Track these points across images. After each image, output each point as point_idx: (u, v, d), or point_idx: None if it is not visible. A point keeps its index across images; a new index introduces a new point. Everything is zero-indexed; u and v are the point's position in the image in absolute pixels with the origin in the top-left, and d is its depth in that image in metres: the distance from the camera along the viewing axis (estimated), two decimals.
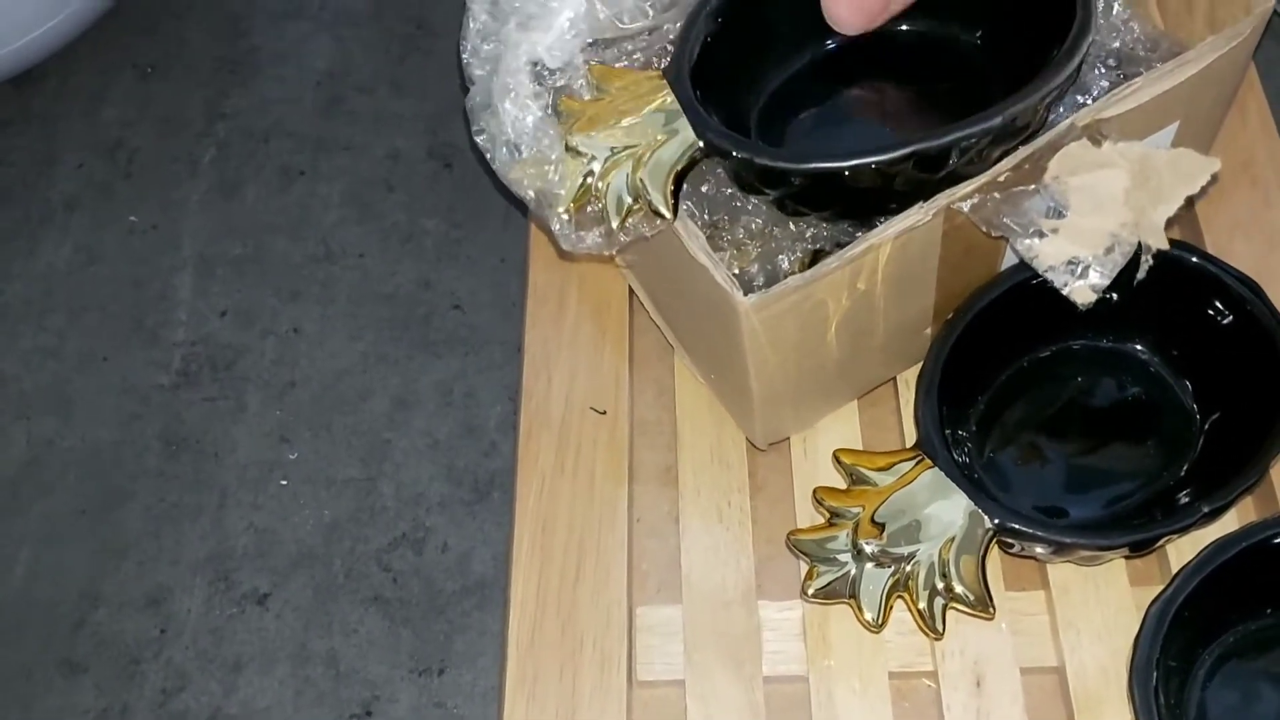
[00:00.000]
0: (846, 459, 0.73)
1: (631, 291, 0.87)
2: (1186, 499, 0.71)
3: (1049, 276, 0.65)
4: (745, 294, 0.64)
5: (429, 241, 1.11)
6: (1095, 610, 0.71)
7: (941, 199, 0.65)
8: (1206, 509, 0.65)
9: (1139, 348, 0.78)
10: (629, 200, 0.68)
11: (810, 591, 0.70)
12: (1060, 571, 0.73)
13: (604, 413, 0.82)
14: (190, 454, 1.00)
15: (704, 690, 0.72)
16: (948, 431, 0.73)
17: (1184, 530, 0.66)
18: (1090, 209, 0.65)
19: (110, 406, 1.05)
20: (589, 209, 0.69)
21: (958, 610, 0.68)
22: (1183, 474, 0.73)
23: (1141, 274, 0.67)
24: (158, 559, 0.95)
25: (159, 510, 0.98)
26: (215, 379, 1.05)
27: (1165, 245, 0.65)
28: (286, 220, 1.16)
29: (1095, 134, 0.66)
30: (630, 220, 0.68)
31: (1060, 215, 0.65)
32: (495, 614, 0.82)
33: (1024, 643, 0.71)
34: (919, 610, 0.68)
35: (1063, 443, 0.77)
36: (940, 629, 0.68)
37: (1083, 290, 0.64)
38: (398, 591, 0.77)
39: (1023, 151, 0.67)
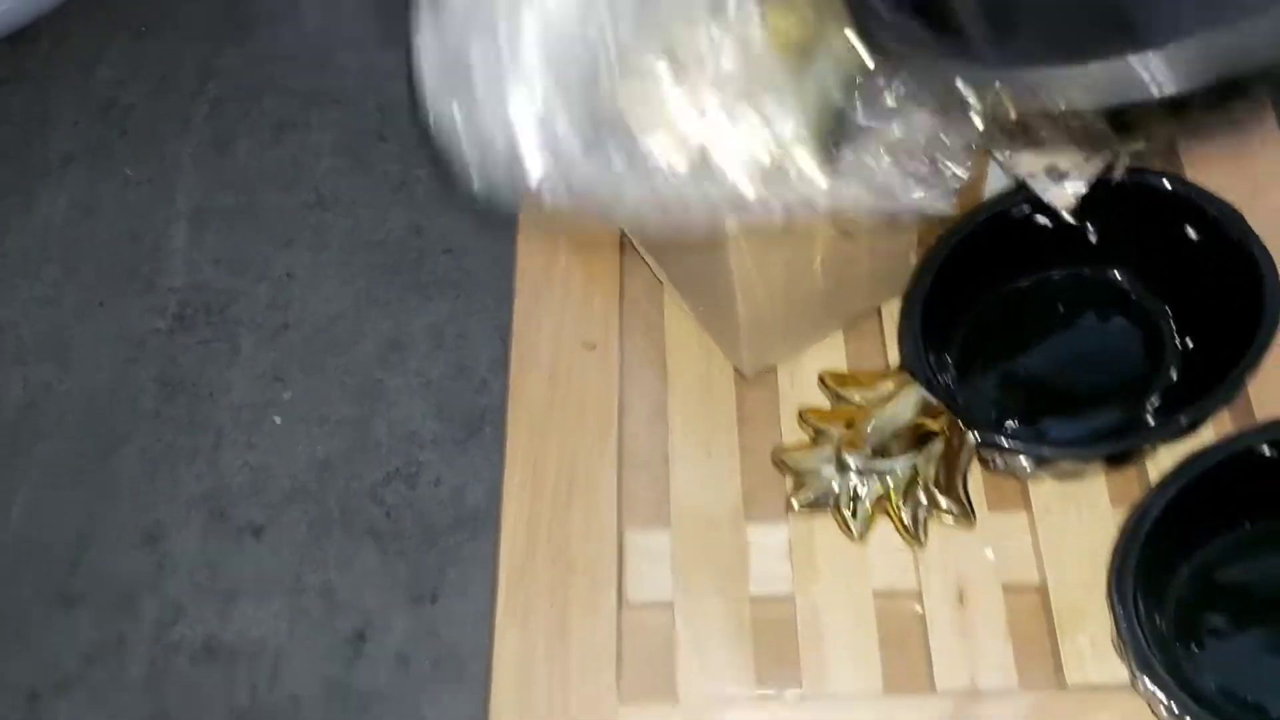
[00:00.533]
0: (832, 381, 0.74)
1: (622, 230, 0.88)
2: (1162, 414, 0.72)
3: (1029, 183, 0.66)
4: None
5: (420, 189, 1.12)
6: (1076, 530, 0.72)
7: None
8: (1185, 420, 0.66)
9: (1118, 275, 0.79)
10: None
11: (796, 506, 0.71)
12: (1042, 492, 0.74)
13: (594, 347, 0.83)
14: (185, 396, 1.01)
15: (692, 610, 0.73)
16: (931, 358, 0.75)
17: (1162, 441, 0.67)
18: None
19: (106, 352, 1.06)
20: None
21: (940, 521, 0.69)
22: (1161, 395, 0.74)
23: (1118, 174, 0.68)
24: (154, 498, 0.96)
25: (155, 451, 0.99)
26: (209, 323, 1.06)
27: (1140, 147, 0.66)
28: (279, 172, 1.17)
29: None
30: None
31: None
32: (488, 545, 0.83)
33: (1006, 561, 0.72)
34: (902, 521, 0.69)
35: (1044, 368, 0.78)
36: (922, 539, 0.69)
37: (1062, 196, 0.65)
38: (391, 525, 0.78)
39: None
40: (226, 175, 1.17)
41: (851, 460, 0.69)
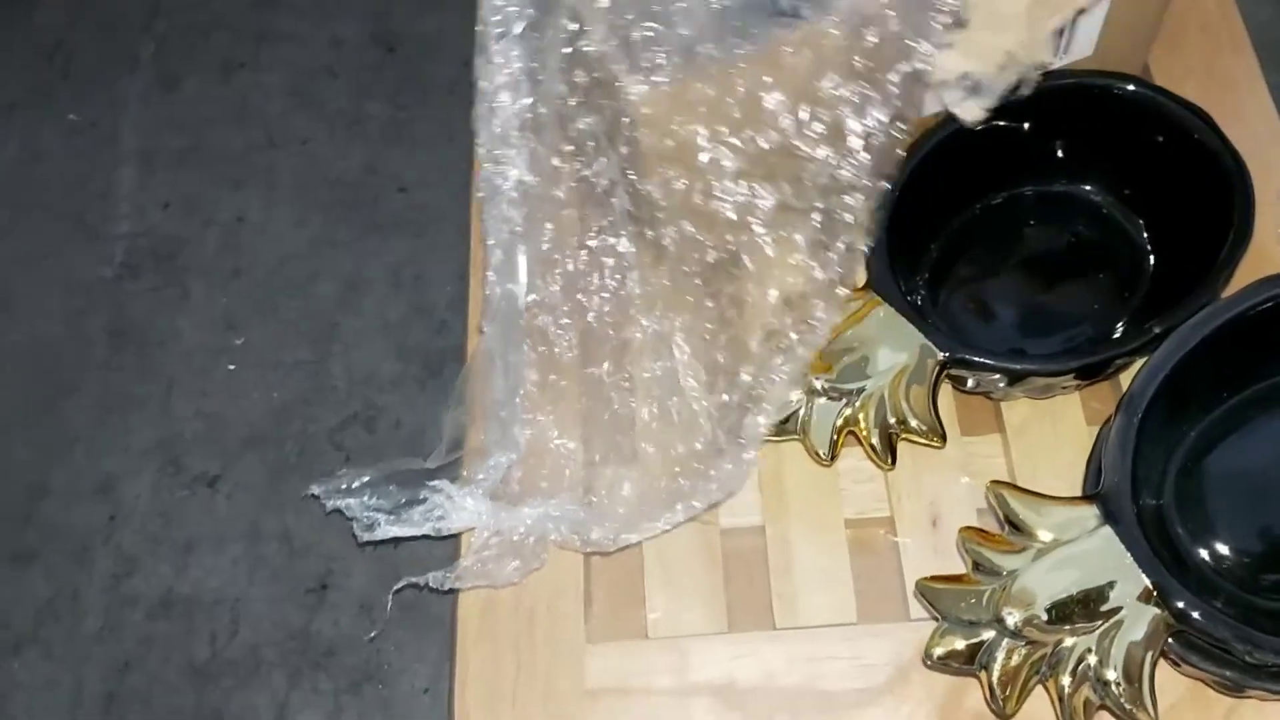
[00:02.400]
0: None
1: None
2: (1136, 327, 0.70)
3: (940, 91, 0.64)
4: None
5: (374, 126, 1.09)
6: (1051, 449, 0.71)
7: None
8: (1157, 329, 0.64)
9: (1090, 189, 0.77)
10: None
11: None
12: (1016, 412, 0.72)
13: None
14: (136, 344, 0.99)
15: (660, 543, 0.71)
16: (901, 281, 0.73)
17: (1134, 353, 0.65)
18: (990, 25, 0.63)
19: (55, 301, 1.03)
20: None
21: (910, 441, 0.68)
22: (1135, 309, 0.73)
23: (1025, 91, 0.66)
24: (106, 448, 0.93)
25: (106, 401, 0.96)
26: (159, 270, 1.03)
27: (1052, 61, 0.64)
28: (228, 111, 1.13)
29: None
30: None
31: (960, 28, 0.63)
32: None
33: (980, 484, 0.70)
34: (870, 443, 0.67)
35: (1017, 286, 0.76)
36: (890, 461, 0.67)
37: (970, 109, 0.64)
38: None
39: None
40: (174, 116, 1.14)
41: (818, 382, 0.67)
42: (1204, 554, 0.60)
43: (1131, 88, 0.73)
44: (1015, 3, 0.64)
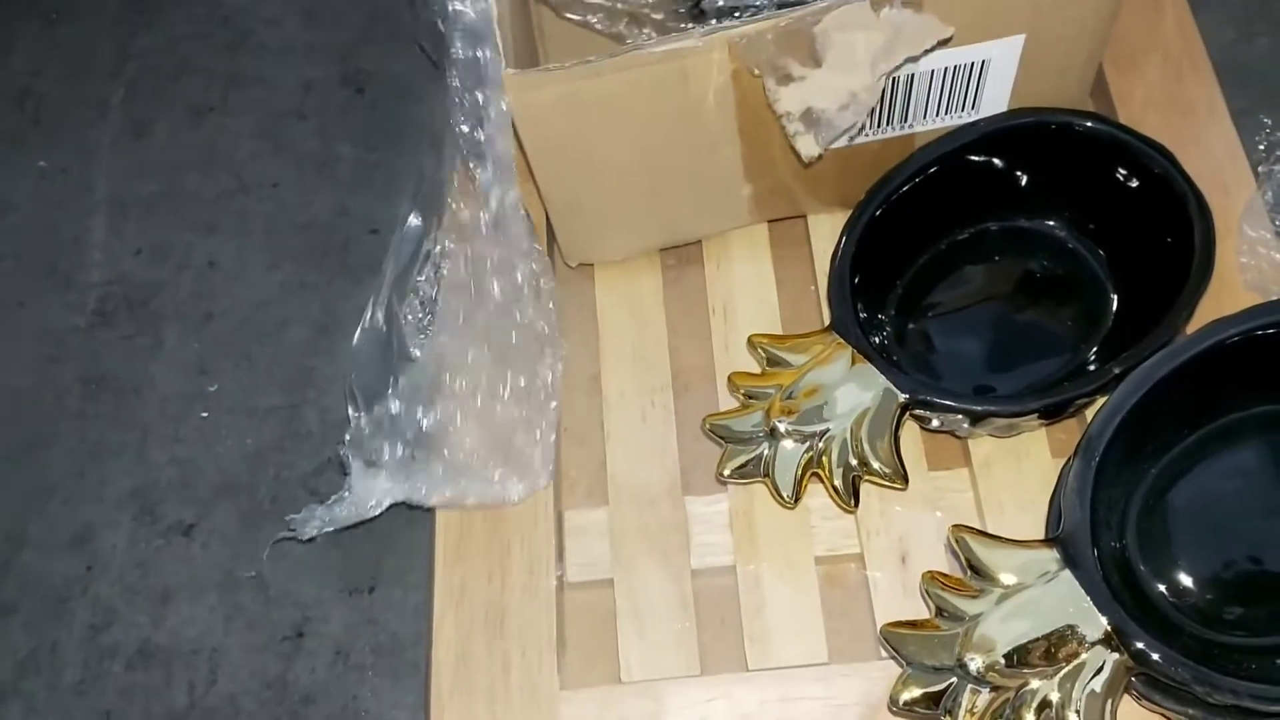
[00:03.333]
0: (762, 342, 0.72)
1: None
2: (1099, 364, 0.71)
3: (784, 123, 0.66)
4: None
5: (344, 168, 1.10)
6: (1018, 483, 0.72)
7: (722, 30, 0.67)
8: (1117, 370, 0.65)
9: (1054, 224, 0.78)
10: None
11: (725, 473, 0.70)
12: (982, 449, 0.73)
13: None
14: (110, 393, 0.99)
15: (632, 587, 0.72)
16: (865, 316, 0.73)
17: (1096, 392, 0.66)
18: (842, 66, 0.65)
19: (28, 352, 1.03)
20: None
21: (873, 483, 0.68)
22: (1100, 344, 0.73)
23: (856, 138, 0.68)
24: (82, 498, 0.94)
25: (81, 450, 0.96)
26: (132, 317, 1.03)
27: (874, 102, 0.65)
28: (199, 156, 1.14)
29: (878, 2, 0.66)
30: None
31: (815, 65, 0.65)
32: (424, 533, 0.81)
33: (949, 519, 0.71)
34: (833, 485, 0.67)
35: (982, 323, 0.77)
36: (853, 503, 0.68)
37: (808, 142, 0.65)
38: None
39: (817, 5, 0.67)
40: (145, 162, 1.14)
41: (781, 425, 0.68)
42: (1166, 591, 0.61)
43: (1090, 124, 0.74)
44: (865, 49, 0.66)
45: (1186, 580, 0.61)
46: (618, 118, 0.70)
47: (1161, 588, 0.61)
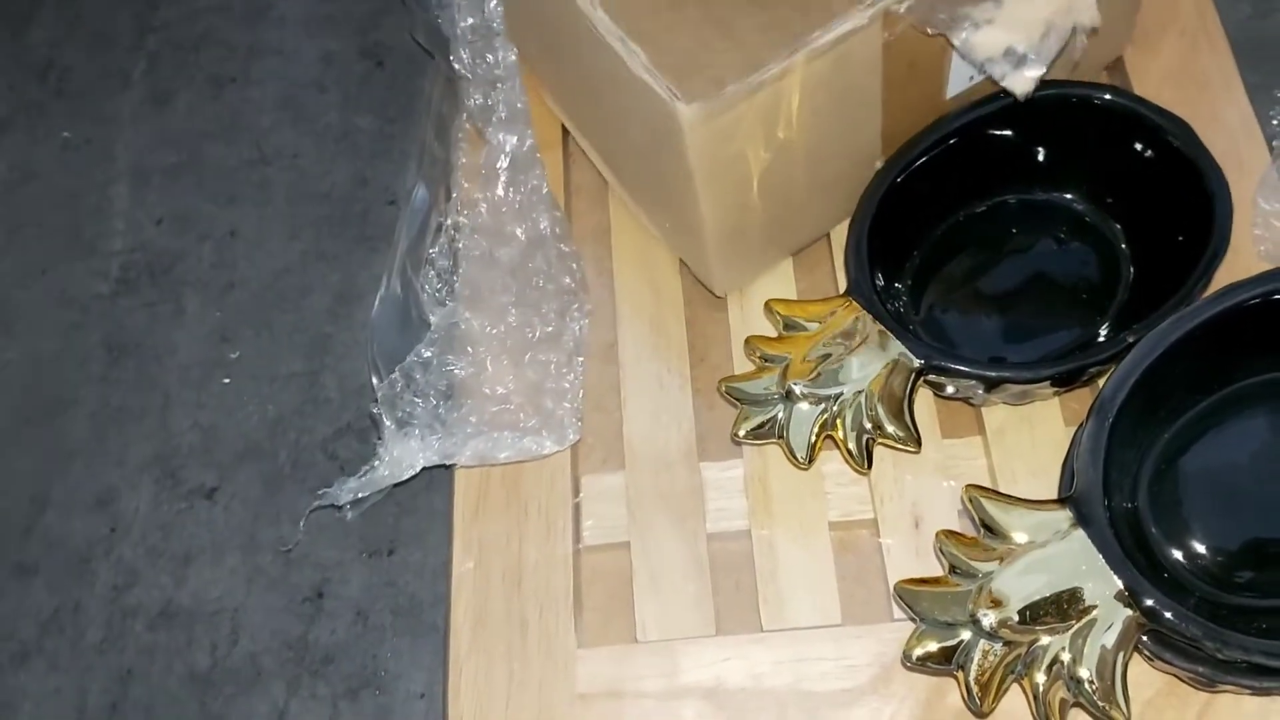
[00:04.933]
0: (778, 307, 0.73)
1: (575, 162, 0.87)
2: (1112, 335, 0.72)
3: (988, 69, 0.65)
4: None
5: (363, 139, 1.10)
6: (1030, 451, 0.72)
7: (880, 3, 0.65)
8: (1131, 339, 0.65)
9: (1071, 197, 0.78)
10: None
11: (740, 433, 0.70)
12: (995, 417, 0.74)
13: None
14: (132, 359, 1.00)
15: (648, 549, 0.73)
16: (881, 284, 0.74)
17: (1109, 361, 0.66)
18: None
19: (51, 318, 1.04)
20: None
21: (886, 446, 0.69)
22: (1115, 316, 0.74)
23: (1077, 55, 0.67)
24: (104, 461, 0.95)
25: (104, 415, 0.97)
26: (154, 284, 1.04)
27: (1097, 21, 0.65)
28: (219, 127, 1.15)
29: None
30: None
31: (996, 6, 0.65)
32: (442, 496, 0.82)
33: (962, 486, 0.71)
34: (847, 448, 0.68)
35: (998, 294, 0.77)
36: (866, 465, 0.68)
37: (1020, 80, 0.64)
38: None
39: None
40: (167, 132, 1.15)
41: (796, 387, 0.69)
42: (1178, 553, 0.61)
43: (1109, 97, 0.74)
44: None
45: (1197, 543, 0.62)
46: (784, 120, 0.67)
47: (1172, 550, 0.62)
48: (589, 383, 0.79)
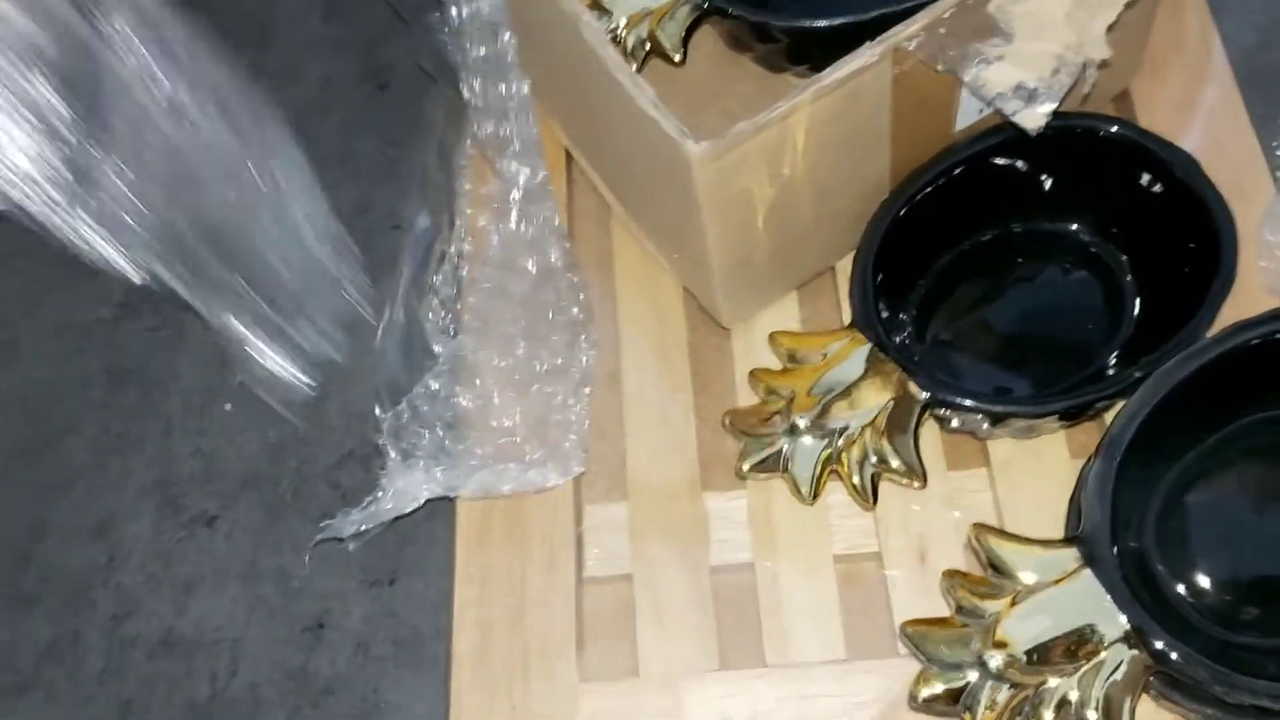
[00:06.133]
0: (783, 340, 0.73)
1: (578, 186, 0.87)
2: (1116, 370, 0.71)
3: (998, 104, 0.65)
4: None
5: (366, 163, 1.10)
6: (1037, 484, 0.72)
7: (889, 38, 0.65)
8: (1138, 374, 0.65)
9: (1077, 228, 0.78)
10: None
11: (744, 468, 0.70)
12: (1001, 449, 0.73)
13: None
14: (134, 385, 0.99)
15: (651, 581, 0.73)
16: (886, 315, 0.74)
17: (1116, 396, 0.66)
18: (1034, 33, 0.64)
19: (52, 343, 1.04)
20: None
21: (891, 481, 0.69)
22: (1120, 348, 0.74)
23: (1087, 88, 0.67)
24: (104, 488, 0.94)
25: (104, 441, 0.97)
26: (156, 310, 1.04)
27: (1108, 55, 0.65)
28: None
29: None
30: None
31: (1006, 42, 0.65)
32: (444, 526, 0.82)
33: (967, 519, 0.71)
34: (852, 483, 0.68)
35: (1004, 324, 0.77)
36: (872, 500, 0.68)
37: (1032, 115, 0.64)
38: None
39: None
40: None
41: (800, 421, 0.69)
42: (1185, 592, 0.61)
43: (1115, 129, 0.74)
44: (1055, 11, 0.65)
45: (1205, 581, 0.62)
46: (798, 155, 0.68)
47: (1180, 588, 0.61)
48: (592, 412, 0.79)
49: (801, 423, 0.69)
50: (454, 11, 0.81)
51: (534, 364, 0.75)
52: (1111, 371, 0.72)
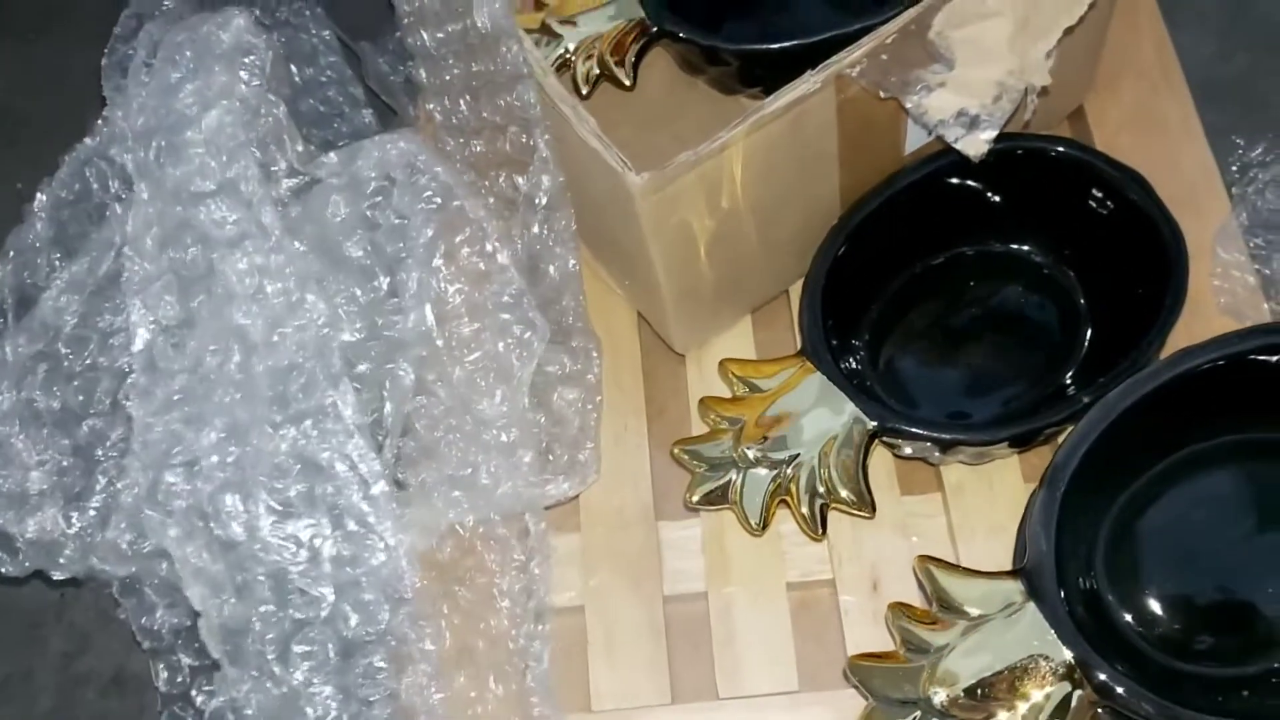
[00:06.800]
0: (733, 368, 0.72)
1: None
2: (1071, 391, 0.71)
3: (940, 131, 0.64)
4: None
5: None
6: (990, 509, 0.71)
7: (831, 65, 0.65)
8: (1087, 399, 0.65)
9: (1029, 249, 0.78)
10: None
11: (694, 499, 0.69)
12: (954, 474, 0.73)
13: None
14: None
15: (604, 613, 0.72)
16: (838, 340, 0.73)
17: (1065, 421, 0.65)
18: (976, 60, 0.64)
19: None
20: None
21: (840, 510, 0.68)
22: (1075, 369, 0.73)
23: (1029, 114, 0.66)
24: None
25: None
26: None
27: (1048, 81, 0.64)
28: None
29: None
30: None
31: (947, 69, 0.64)
32: None
33: (921, 544, 0.71)
34: (800, 513, 0.67)
35: (956, 348, 0.77)
36: (821, 530, 0.67)
37: (974, 142, 0.64)
38: None
39: (909, 13, 0.66)
40: None
41: (750, 452, 0.68)
42: (1133, 621, 0.61)
43: (1062, 149, 0.74)
44: (997, 37, 0.64)
45: (1154, 609, 0.61)
46: (737, 185, 0.67)
47: (1129, 617, 0.61)
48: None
49: (751, 453, 0.68)
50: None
51: (550, 368, 0.74)
52: (1070, 393, 0.71)
